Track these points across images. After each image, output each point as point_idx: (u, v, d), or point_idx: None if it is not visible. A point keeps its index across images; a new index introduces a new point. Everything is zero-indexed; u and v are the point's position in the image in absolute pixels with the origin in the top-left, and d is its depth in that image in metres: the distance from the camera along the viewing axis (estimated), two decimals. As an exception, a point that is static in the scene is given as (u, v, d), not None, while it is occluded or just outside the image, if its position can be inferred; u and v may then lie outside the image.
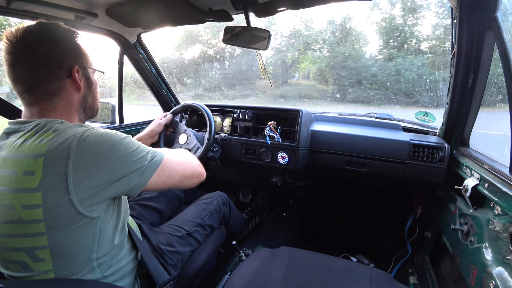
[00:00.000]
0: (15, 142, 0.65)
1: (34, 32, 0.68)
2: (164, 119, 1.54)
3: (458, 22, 1.03)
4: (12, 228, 0.62)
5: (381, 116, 1.76)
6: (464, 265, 0.99)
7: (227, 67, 7.32)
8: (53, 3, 1.12)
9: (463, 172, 1.15)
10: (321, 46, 6.81)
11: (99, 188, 0.64)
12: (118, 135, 0.70)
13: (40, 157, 0.60)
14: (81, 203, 0.62)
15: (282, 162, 1.56)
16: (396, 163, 1.38)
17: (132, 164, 0.69)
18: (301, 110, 1.57)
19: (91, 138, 0.64)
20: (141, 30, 1.63)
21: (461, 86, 1.16)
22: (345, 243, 1.85)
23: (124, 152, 0.68)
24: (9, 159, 0.63)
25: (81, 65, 0.76)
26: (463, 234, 1.03)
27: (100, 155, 0.64)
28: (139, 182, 0.71)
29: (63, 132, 0.64)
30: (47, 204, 0.60)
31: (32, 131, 0.65)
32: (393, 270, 1.56)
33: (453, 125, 1.30)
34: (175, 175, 0.82)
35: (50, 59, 0.69)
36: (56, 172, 0.60)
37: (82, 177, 0.61)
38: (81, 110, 0.80)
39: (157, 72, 1.92)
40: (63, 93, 0.73)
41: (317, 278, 0.98)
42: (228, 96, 6.70)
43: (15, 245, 0.63)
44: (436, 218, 1.41)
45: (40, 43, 0.68)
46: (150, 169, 0.73)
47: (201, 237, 1.18)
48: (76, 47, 0.75)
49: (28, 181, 0.60)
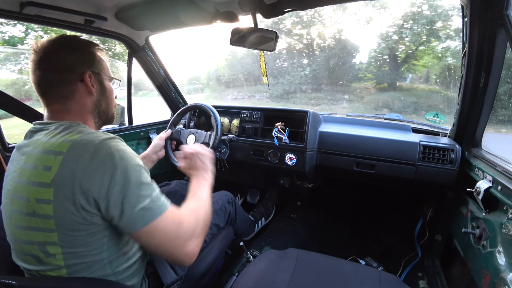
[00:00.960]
0: (41, 140, 0.69)
1: (54, 42, 0.75)
2: (164, 133, 1.54)
3: (469, 20, 1.01)
4: (27, 220, 0.65)
5: (390, 117, 1.74)
6: (476, 269, 0.96)
7: (313, 63, 6.40)
8: (64, 7, 1.14)
9: (475, 174, 1.12)
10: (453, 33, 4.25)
11: (97, 200, 0.64)
12: (134, 159, 0.69)
13: (60, 155, 0.64)
14: (84, 209, 0.63)
15: (290, 164, 1.56)
16: (406, 164, 1.35)
17: (134, 196, 0.66)
18: (308, 111, 1.57)
19: (106, 149, 0.65)
20: (149, 33, 1.65)
21: (473, 86, 1.13)
22: (353, 245, 1.83)
23: (132, 178, 0.66)
24: (34, 154, 0.68)
25: (94, 71, 0.79)
26: (475, 238, 1.01)
27: (108, 170, 0.64)
28: (129, 220, 0.66)
29: (86, 136, 0.67)
30: (56, 202, 0.62)
31: (57, 131, 0.70)
32: (403, 273, 1.53)
33: (465, 126, 1.27)
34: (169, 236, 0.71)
35: (62, 64, 0.74)
36: (68, 172, 0.62)
37: (85, 184, 0.62)
38: (95, 114, 0.83)
39: (165, 74, 1.94)
40: (76, 96, 0.76)
41: (325, 281, 0.97)
42: (312, 100, 5.83)
43: (29, 237, 0.66)
44: (447, 221, 1.38)
45: (57, 51, 0.74)
46: (153, 211, 0.68)
47: (207, 237, 1.18)
48: (90, 55, 0.80)
49: (44, 176, 0.63)
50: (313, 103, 5.67)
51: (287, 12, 1.21)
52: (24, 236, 0.67)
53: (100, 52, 0.83)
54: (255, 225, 1.77)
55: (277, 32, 1.19)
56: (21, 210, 0.66)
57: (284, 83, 6.38)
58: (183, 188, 1.48)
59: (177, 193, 1.43)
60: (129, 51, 1.74)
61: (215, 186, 1.62)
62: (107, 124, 0.89)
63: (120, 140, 0.73)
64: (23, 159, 0.70)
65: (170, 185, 1.46)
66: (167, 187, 1.44)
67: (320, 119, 1.68)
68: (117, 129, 1.79)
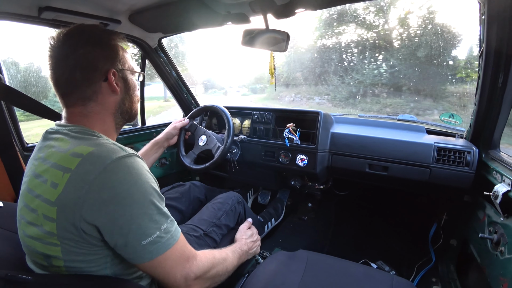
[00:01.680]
0: (53, 148, 0.66)
1: (73, 35, 0.69)
2: (180, 122, 1.58)
3: (486, 18, 0.97)
4: (34, 231, 0.63)
5: (404, 118, 1.71)
6: (493, 276, 0.93)
7: (392, 57, 4.92)
8: (79, 11, 1.17)
9: (492, 177, 1.09)
10: None
11: (100, 229, 0.61)
12: (147, 185, 0.64)
13: (68, 172, 0.60)
14: (88, 231, 0.60)
15: (301, 165, 1.55)
16: (420, 167, 1.32)
17: (142, 228, 0.62)
18: (320, 112, 1.55)
19: (117, 170, 0.61)
20: (162, 35, 1.68)
21: (491, 85, 1.10)
22: (365, 248, 1.80)
23: (143, 209, 0.63)
24: (45, 165, 0.65)
25: (118, 68, 0.74)
26: (492, 243, 0.98)
27: (115, 198, 0.60)
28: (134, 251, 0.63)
29: (98, 151, 0.62)
30: (59, 222, 0.60)
31: (68, 137, 0.66)
32: (416, 278, 1.50)
33: (482, 127, 1.23)
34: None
35: (86, 62, 0.68)
36: (72, 194, 0.59)
37: (88, 212, 0.59)
38: (118, 114, 0.78)
39: (177, 75, 1.97)
40: (99, 97, 0.72)
41: (335, 284, 0.96)
42: (387, 108, 4.42)
43: (35, 247, 0.65)
44: (463, 225, 1.34)
45: (78, 47, 0.68)
46: (160, 246, 0.65)
47: (218, 237, 1.19)
48: (113, 49, 0.73)
49: (51, 193, 0.61)
50: (389, 112, 4.25)
51: (299, 13, 1.20)
52: (31, 243, 0.65)
53: (121, 42, 0.77)
54: (265, 226, 1.77)
55: (288, 33, 1.19)
56: (29, 220, 0.64)
57: (351, 84, 5.17)
58: (196, 189, 1.49)
59: (191, 194, 1.45)
60: (142, 53, 1.77)
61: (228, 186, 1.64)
62: (130, 122, 0.85)
63: (136, 156, 0.67)
64: (36, 165, 0.67)
65: (184, 186, 1.48)
66: (182, 188, 1.46)
67: (332, 120, 1.66)
68: (129, 129, 1.83)
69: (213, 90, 12.88)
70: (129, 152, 0.66)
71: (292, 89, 6.45)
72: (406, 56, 4.66)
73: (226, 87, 13.63)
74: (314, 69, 5.85)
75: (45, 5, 1.08)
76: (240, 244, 1.09)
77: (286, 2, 1.12)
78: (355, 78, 5.23)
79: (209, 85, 22.20)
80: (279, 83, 6.94)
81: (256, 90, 7.65)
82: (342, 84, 5.26)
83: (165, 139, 1.50)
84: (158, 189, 0.68)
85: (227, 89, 13.59)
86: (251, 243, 1.15)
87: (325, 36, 5.51)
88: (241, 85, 21.69)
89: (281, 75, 7.12)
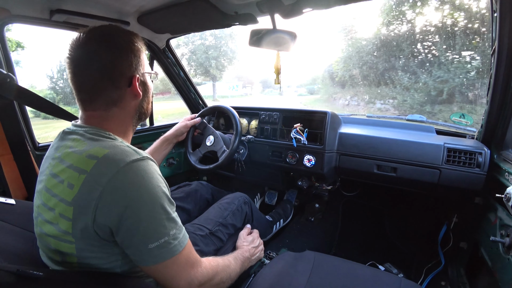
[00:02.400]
0: (69, 148, 0.67)
1: (96, 38, 0.68)
2: (191, 121, 1.60)
3: (498, 15, 0.95)
4: (50, 229, 0.65)
5: (413, 118, 1.68)
6: (505, 281, 0.91)
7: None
8: (89, 14, 1.20)
9: (505, 179, 1.06)
10: None
11: (112, 229, 0.62)
12: (159, 189, 0.65)
13: (83, 174, 0.61)
14: (101, 232, 0.62)
15: (308, 165, 1.54)
16: (429, 168, 1.30)
17: (150, 231, 0.63)
18: (328, 112, 1.54)
19: (130, 174, 0.62)
20: (170, 36, 1.70)
21: (503, 85, 1.07)
22: (373, 250, 1.78)
23: (152, 213, 0.63)
24: (61, 165, 0.66)
25: (140, 72, 0.74)
26: (504, 247, 0.95)
27: (127, 200, 0.61)
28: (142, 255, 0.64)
29: (113, 154, 0.63)
30: (75, 221, 0.61)
31: (84, 138, 0.67)
32: (424, 281, 1.47)
33: (494, 128, 1.20)
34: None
35: (110, 69, 0.68)
36: (87, 196, 0.60)
37: (102, 214, 0.60)
38: (136, 117, 0.79)
39: (185, 75, 1.98)
40: (122, 103, 0.72)
41: (342, 286, 0.95)
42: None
43: (50, 244, 0.66)
44: (473, 228, 1.31)
45: (102, 51, 0.67)
46: (167, 251, 0.65)
47: (224, 237, 1.20)
48: (136, 53, 0.73)
49: (67, 193, 0.62)
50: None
51: (306, 13, 1.20)
52: (47, 240, 0.67)
53: (140, 44, 0.75)
54: (273, 227, 1.77)
55: (296, 33, 1.19)
56: (46, 218, 0.66)
57: (429, 85, 3.66)
58: (202, 189, 1.50)
59: (197, 193, 1.46)
60: (151, 54, 1.79)
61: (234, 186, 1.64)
62: (143, 121, 0.86)
63: (150, 160, 0.67)
64: (53, 165, 0.69)
65: (190, 186, 1.49)
66: (188, 187, 1.47)
67: (340, 120, 1.65)
68: (138, 129, 1.85)
69: (269, 89, 12.37)
70: (143, 155, 0.66)
71: (348, 91, 5.03)
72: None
73: (283, 86, 13.29)
74: (376, 64, 4.32)
75: (56, 8, 1.11)
76: (242, 251, 1.10)
77: (294, 2, 1.12)
78: (436, 76, 3.70)
79: (266, 84, 20.89)
80: (334, 83, 6.10)
81: (313, 90, 7.17)
82: (415, 85, 3.80)
83: (174, 135, 1.53)
84: (169, 194, 0.68)
85: (284, 89, 13.19)
86: (252, 249, 1.15)
87: (393, 22, 3.85)
88: (299, 84, 20.66)
89: (335, 74, 6.01)
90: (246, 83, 25.54)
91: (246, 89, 25.49)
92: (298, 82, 13.00)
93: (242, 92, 24.83)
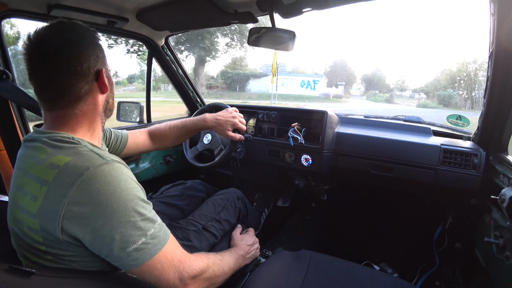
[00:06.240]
0: (32, 158, 0.64)
1: (56, 34, 0.65)
2: (238, 136, 1.34)
3: (496, 18, 0.96)
4: (23, 241, 0.64)
5: (410, 119, 1.69)
6: (499, 281, 0.92)
7: None
8: (88, 9, 1.19)
9: (500, 180, 1.07)
10: None
11: (82, 240, 0.60)
12: (129, 191, 0.62)
13: (45, 185, 0.59)
14: (70, 243, 0.60)
15: (306, 164, 1.55)
16: (425, 168, 1.31)
17: (126, 236, 0.60)
18: (326, 111, 1.55)
19: (93, 182, 0.59)
20: (169, 33, 1.69)
21: (500, 87, 1.08)
22: (368, 250, 1.79)
23: (124, 217, 0.60)
24: (24, 177, 0.64)
25: (105, 67, 0.72)
26: (498, 248, 0.96)
27: (96, 209, 0.58)
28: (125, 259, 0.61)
29: (75, 161, 0.60)
30: (44, 233, 0.60)
31: (45, 146, 0.64)
32: (419, 281, 1.48)
33: (490, 130, 1.21)
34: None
35: (79, 63, 0.65)
36: (51, 207, 0.58)
37: (68, 224, 0.58)
38: (103, 113, 0.77)
39: (183, 73, 1.98)
40: (89, 98, 0.70)
41: (338, 285, 0.96)
42: None
43: (25, 253, 0.66)
44: (468, 229, 1.32)
45: (64, 47, 0.64)
46: (146, 252, 0.63)
47: (218, 233, 1.19)
48: (100, 48, 0.71)
49: (32, 206, 0.60)
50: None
51: (305, 12, 1.20)
52: (25, 253, 0.66)
53: (101, 41, 0.73)
54: (261, 217, 1.79)
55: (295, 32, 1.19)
56: (16, 230, 0.65)
57: None
58: (197, 187, 1.50)
59: (192, 192, 1.45)
60: (149, 51, 1.78)
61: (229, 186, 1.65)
62: (109, 117, 0.81)
63: (116, 162, 0.64)
64: (17, 176, 0.66)
65: (185, 184, 1.49)
66: (183, 186, 1.47)
67: (337, 120, 1.65)
68: (136, 126, 1.84)
69: (373, 91, 8.30)
70: (108, 159, 0.63)
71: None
72: None
73: (395, 90, 9.08)
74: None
75: (54, 3, 1.10)
76: (236, 248, 1.10)
77: (293, 1, 1.12)
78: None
79: (371, 85, 13.39)
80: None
81: (448, 102, 4.73)
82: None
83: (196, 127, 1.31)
84: (141, 195, 0.66)
85: (395, 93, 8.77)
86: (247, 247, 1.14)
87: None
88: (419, 88, 14.37)
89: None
90: (336, 79, 19.23)
91: (335, 89, 19.25)
92: (419, 85, 8.73)
93: (330, 93, 18.73)
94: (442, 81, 5.64)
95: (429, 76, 10.50)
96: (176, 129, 1.28)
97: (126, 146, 1.16)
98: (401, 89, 8.46)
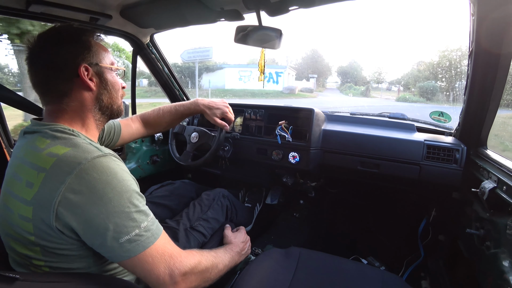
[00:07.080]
0: (31, 146, 0.66)
1: (46, 35, 0.70)
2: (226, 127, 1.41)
3: (476, 18, 0.99)
4: (13, 231, 0.64)
5: (395, 116, 1.73)
6: (480, 270, 0.96)
7: None
8: (68, 5, 1.15)
9: (480, 174, 1.11)
10: None
11: (75, 229, 0.61)
12: (124, 183, 0.64)
13: (42, 172, 0.60)
14: (63, 233, 0.60)
15: (293, 162, 1.56)
16: (410, 164, 1.35)
17: (119, 226, 0.61)
18: (313, 109, 1.56)
19: (92, 170, 0.60)
20: (154, 31, 1.66)
21: (479, 85, 1.12)
22: (356, 244, 1.83)
23: (119, 207, 0.61)
24: (22, 165, 0.64)
25: (92, 63, 0.73)
26: (479, 238, 1.00)
27: (91, 198, 0.59)
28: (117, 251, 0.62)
29: (74, 151, 0.62)
30: (35, 221, 0.60)
31: (47, 137, 0.66)
32: (405, 273, 1.53)
33: (470, 126, 1.25)
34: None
35: (56, 60, 0.69)
36: (47, 194, 0.59)
37: (63, 211, 0.58)
38: (96, 111, 0.77)
39: (169, 71, 1.95)
40: (73, 93, 0.72)
41: (327, 280, 0.97)
42: None
43: (16, 247, 0.65)
44: (451, 221, 1.37)
45: (48, 45, 0.69)
46: (139, 244, 0.63)
47: (206, 232, 1.19)
48: (85, 45, 0.73)
49: (26, 192, 0.61)
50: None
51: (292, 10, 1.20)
52: (12, 244, 0.65)
53: (97, 39, 0.76)
54: (253, 211, 1.79)
55: (281, 30, 1.19)
56: (8, 220, 0.65)
57: None
58: (186, 187, 1.49)
59: (181, 192, 1.44)
60: (134, 49, 1.74)
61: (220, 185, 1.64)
62: (115, 118, 0.84)
63: (113, 156, 0.67)
64: (15, 164, 0.67)
65: (174, 184, 1.47)
66: (171, 186, 1.45)
67: (324, 118, 1.67)
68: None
69: (348, 84, 7.89)
70: (105, 152, 0.65)
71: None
72: None
73: (372, 82, 8.48)
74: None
75: (32, -2, 1.06)
76: (231, 245, 1.10)
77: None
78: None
79: (347, 77, 12.25)
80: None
81: (431, 94, 4.68)
82: None
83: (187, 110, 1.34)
84: (136, 188, 0.68)
85: (372, 86, 8.26)
86: (241, 244, 1.15)
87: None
88: (396, 80, 12.25)
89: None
90: (307, 72, 17.79)
91: (306, 82, 17.98)
92: (396, 77, 8.56)
93: (295, 87, 17.20)
94: (422, 71, 5.48)
95: (406, 68, 10.39)
96: (169, 114, 1.31)
97: (120, 136, 1.17)
98: (378, 82, 8.36)
